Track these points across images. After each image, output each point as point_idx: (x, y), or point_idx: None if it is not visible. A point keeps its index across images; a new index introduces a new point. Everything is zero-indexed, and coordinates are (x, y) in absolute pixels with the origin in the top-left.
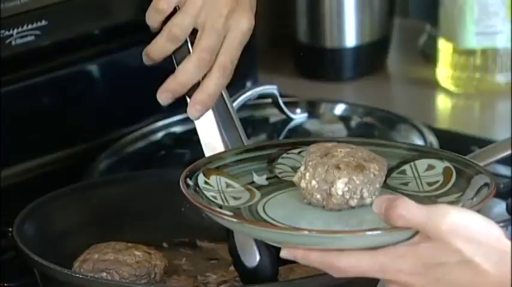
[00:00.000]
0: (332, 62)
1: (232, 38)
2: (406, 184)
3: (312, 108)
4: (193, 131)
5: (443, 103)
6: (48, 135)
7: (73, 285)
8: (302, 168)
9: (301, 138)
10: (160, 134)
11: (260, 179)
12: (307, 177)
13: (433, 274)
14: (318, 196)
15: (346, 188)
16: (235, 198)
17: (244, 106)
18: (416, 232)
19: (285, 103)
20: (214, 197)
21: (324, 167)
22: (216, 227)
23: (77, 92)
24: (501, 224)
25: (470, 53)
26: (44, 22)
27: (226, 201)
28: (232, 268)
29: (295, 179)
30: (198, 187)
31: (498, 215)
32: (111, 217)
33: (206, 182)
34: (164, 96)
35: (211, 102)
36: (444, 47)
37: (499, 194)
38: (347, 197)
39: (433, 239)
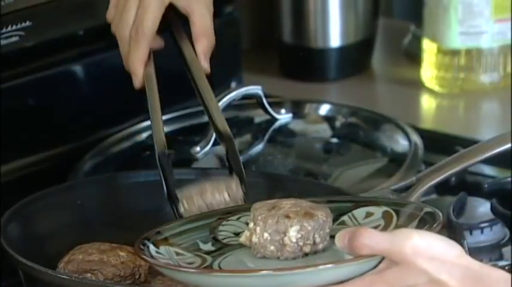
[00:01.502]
0: (316, 63)
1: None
2: None
3: (296, 109)
4: (178, 132)
5: (427, 103)
6: (33, 136)
7: (57, 286)
8: (251, 224)
9: (237, 205)
10: (145, 135)
11: (206, 246)
12: (258, 231)
13: None
14: (272, 248)
15: (299, 235)
16: (188, 263)
17: (229, 107)
18: (381, 260)
19: (270, 103)
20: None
21: (274, 218)
22: None
23: (62, 92)
24: (486, 223)
25: (455, 53)
26: (28, 23)
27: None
28: None
29: (242, 238)
30: (152, 256)
31: (483, 215)
32: (96, 217)
33: (157, 252)
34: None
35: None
36: (428, 47)
37: (484, 194)
38: (301, 244)
39: (398, 263)
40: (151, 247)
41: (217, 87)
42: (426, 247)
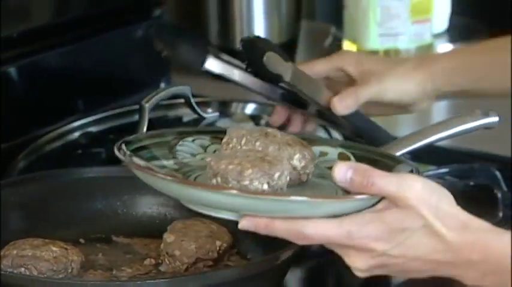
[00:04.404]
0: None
1: None
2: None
3: (223, 108)
4: (108, 131)
5: None
6: None
7: None
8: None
9: (191, 128)
10: (76, 134)
11: (169, 163)
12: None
13: (396, 239)
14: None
15: (303, 163)
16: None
17: (158, 106)
18: (380, 199)
19: (197, 103)
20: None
21: (275, 145)
22: (131, 222)
23: None
24: None
25: (374, 53)
26: None
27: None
28: (146, 262)
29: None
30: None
31: None
32: (29, 214)
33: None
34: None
35: None
36: (349, 48)
37: None
38: (301, 172)
39: (399, 206)
40: (128, 154)
41: (146, 88)
42: (428, 195)
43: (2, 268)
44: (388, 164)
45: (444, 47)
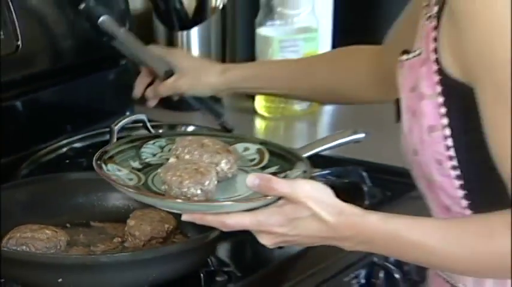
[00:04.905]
0: (184, 100)
1: None
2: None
3: (171, 129)
4: (88, 146)
5: (259, 124)
6: None
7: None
8: (182, 150)
9: (153, 134)
10: (65, 149)
11: (135, 164)
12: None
13: (293, 225)
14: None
15: (228, 166)
16: (129, 179)
17: (123, 128)
18: (279, 198)
19: (152, 126)
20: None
21: (208, 153)
22: (104, 211)
23: (5, 121)
24: None
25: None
26: None
27: (124, 181)
28: (115, 240)
29: (172, 159)
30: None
31: None
32: (29, 207)
33: (107, 169)
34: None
35: None
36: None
37: None
38: (228, 172)
39: (293, 201)
40: (104, 166)
41: (116, 115)
42: (313, 192)
43: (9, 247)
44: (291, 159)
45: None
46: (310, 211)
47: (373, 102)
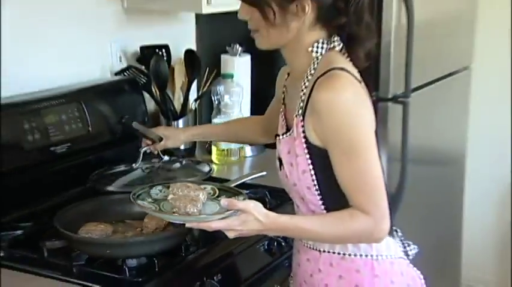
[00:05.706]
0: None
1: None
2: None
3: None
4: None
5: (214, 167)
6: (35, 190)
7: (77, 242)
8: (179, 190)
9: (154, 183)
10: (109, 171)
11: (150, 199)
12: (183, 194)
13: (245, 225)
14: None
15: (204, 196)
16: (150, 206)
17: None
18: (238, 211)
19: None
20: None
21: (192, 189)
22: (132, 214)
23: (53, 173)
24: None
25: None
26: None
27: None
28: (138, 230)
29: (170, 197)
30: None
31: None
32: (91, 213)
33: (138, 201)
34: None
35: None
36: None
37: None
38: (203, 199)
39: (245, 212)
40: (136, 200)
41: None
42: (255, 207)
43: (82, 234)
44: (233, 192)
45: None
46: (254, 216)
47: (264, 143)
